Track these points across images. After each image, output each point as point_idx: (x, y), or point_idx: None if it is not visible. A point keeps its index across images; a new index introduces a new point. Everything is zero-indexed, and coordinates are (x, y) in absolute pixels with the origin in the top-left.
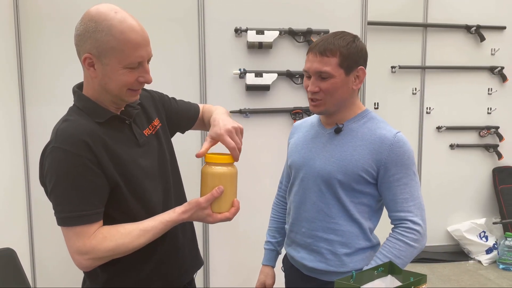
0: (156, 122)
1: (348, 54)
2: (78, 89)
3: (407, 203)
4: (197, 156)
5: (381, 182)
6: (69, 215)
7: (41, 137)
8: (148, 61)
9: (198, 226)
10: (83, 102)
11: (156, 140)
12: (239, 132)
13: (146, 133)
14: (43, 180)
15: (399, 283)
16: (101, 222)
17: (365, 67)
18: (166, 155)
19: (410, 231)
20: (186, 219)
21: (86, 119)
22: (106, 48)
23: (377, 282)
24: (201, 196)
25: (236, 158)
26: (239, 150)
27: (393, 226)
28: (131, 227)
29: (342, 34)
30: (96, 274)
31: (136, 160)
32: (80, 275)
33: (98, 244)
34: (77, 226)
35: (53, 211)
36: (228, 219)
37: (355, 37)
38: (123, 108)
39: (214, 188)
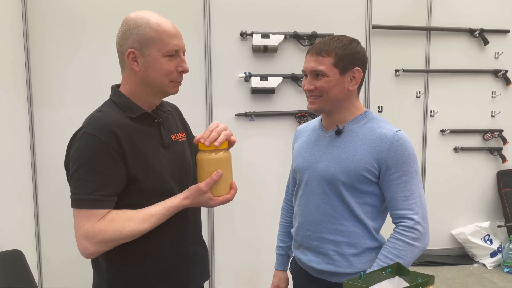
0: (183, 134)
1: (343, 54)
2: (116, 87)
3: (408, 201)
4: (194, 141)
5: (382, 181)
6: (85, 197)
7: (49, 140)
8: (183, 53)
9: (203, 224)
10: (118, 97)
11: (180, 147)
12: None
13: (173, 138)
14: (67, 163)
15: (406, 284)
16: (112, 210)
17: (364, 70)
18: (188, 162)
19: (409, 230)
20: (188, 204)
21: (118, 113)
22: (146, 39)
23: (385, 283)
24: (198, 183)
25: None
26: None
27: (394, 225)
28: (136, 211)
29: (340, 37)
30: (103, 269)
31: (159, 158)
32: (87, 276)
33: (106, 226)
34: (90, 209)
35: (59, 213)
36: (229, 200)
37: (353, 40)
38: (154, 108)
39: (212, 173)
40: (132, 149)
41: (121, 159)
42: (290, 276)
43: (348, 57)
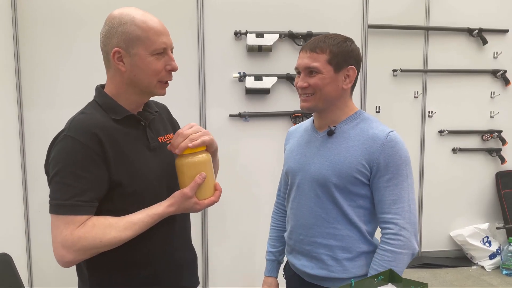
0: (171, 136)
1: (338, 52)
2: (100, 87)
3: (395, 205)
4: (169, 148)
5: (372, 182)
6: (63, 203)
7: (39, 140)
8: (171, 51)
9: (197, 226)
10: (102, 98)
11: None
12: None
13: (160, 140)
14: (47, 168)
15: None
16: (92, 216)
17: (358, 69)
18: None
19: (394, 237)
20: (173, 211)
21: (102, 115)
22: (132, 37)
23: None
24: (180, 188)
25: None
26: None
27: (381, 231)
28: (118, 219)
29: (335, 35)
30: (86, 277)
31: (145, 161)
32: (77, 280)
33: (85, 233)
34: (68, 215)
35: (49, 215)
36: (214, 202)
37: (347, 38)
38: (140, 110)
39: (194, 177)
40: (115, 152)
41: (103, 163)
42: (283, 281)
43: (342, 54)
